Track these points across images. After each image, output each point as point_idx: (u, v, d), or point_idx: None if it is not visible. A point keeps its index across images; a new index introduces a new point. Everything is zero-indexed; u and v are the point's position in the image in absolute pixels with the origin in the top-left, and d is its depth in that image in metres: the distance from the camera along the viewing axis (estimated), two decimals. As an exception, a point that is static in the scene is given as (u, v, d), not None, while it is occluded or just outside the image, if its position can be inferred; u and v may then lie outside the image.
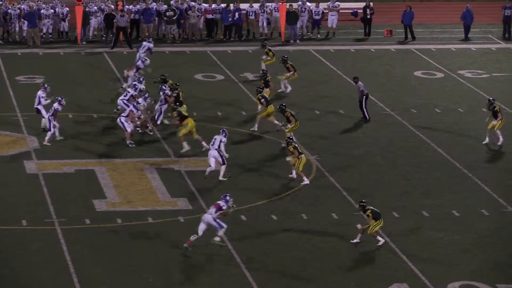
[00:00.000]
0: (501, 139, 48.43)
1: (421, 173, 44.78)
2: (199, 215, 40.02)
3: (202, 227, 37.36)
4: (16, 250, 38.41)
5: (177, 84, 50.13)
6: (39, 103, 48.84)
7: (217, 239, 37.40)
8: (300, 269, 36.77)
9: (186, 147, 47.35)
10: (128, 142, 47.75)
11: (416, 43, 64.65)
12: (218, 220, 37.23)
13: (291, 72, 55.32)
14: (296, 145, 44.43)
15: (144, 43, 56.43)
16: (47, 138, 47.71)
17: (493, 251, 38.98)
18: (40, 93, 48.93)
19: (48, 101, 48.98)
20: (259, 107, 50.01)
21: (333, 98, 55.35)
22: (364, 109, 51.89)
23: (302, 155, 44.03)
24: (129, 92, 49.75)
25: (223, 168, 44.56)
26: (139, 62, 54.05)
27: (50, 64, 60.23)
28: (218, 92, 55.62)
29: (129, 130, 47.71)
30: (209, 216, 37.37)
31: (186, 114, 47.69)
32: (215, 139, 44.88)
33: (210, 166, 44.67)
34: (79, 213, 41.13)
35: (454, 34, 67.29)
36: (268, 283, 35.60)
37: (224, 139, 45.42)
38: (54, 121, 47.90)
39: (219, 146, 45.07)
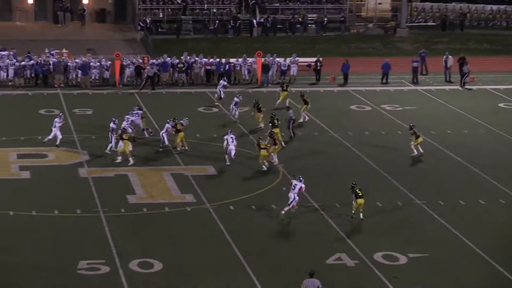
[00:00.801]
0: (421, 151, 48.80)
1: (354, 175, 44.56)
2: (202, 206, 40.52)
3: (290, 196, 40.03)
4: (72, 230, 38.59)
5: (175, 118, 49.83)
6: (55, 126, 49.02)
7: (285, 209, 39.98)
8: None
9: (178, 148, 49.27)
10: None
11: (351, 86, 64.46)
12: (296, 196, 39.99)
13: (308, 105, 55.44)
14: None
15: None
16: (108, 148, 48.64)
17: (404, 231, 39.18)
18: (56, 119, 49.24)
19: (62, 123, 49.51)
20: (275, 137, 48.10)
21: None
22: (291, 130, 52.40)
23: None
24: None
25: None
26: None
27: (97, 101, 60.18)
28: (214, 119, 55.47)
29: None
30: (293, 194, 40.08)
31: (179, 128, 48.68)
32: (227, 139, 47.06)
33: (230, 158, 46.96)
34: (117, 204, 41.48)
35: (377, 79, 66.97)
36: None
37: (232, 136, 47.30)
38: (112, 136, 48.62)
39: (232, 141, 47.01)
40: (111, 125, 48.56)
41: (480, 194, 44.11)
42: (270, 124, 49.71)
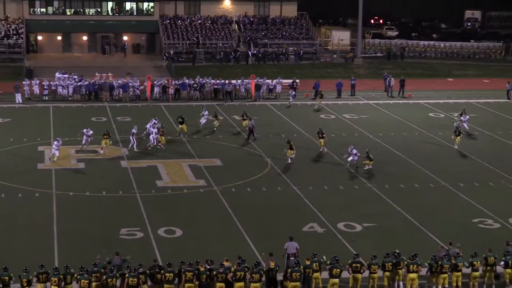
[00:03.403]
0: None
1: (325, 166, 44.47)
2: (211, 189, 40.53)
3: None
4: (116, 206, 38.59)
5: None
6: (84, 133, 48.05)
7: None
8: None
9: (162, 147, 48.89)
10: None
11: (325, 100, 64.27)
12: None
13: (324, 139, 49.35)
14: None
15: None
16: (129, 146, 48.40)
17: (359, 207, 39.23)
18: (84, 131, 48.20)
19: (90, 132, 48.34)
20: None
21: (277, 128, 55.30)
22: (254, 133, 51.70)
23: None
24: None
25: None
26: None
27: (134, 111, 60.15)
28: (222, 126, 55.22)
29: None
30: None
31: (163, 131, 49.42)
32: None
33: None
34: (148, 187, 41.52)
35: (345, 94, 67.05)
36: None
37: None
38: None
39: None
40: (133, 130, 48.65)
41: (415, 180, 44.16)
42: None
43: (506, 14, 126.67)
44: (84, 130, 47.67)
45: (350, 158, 45.57)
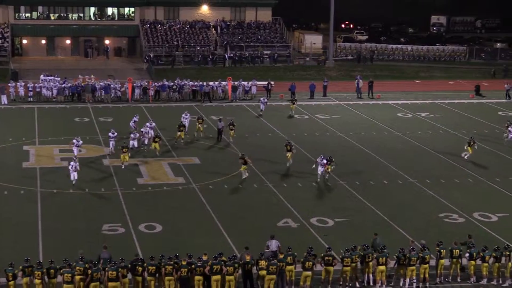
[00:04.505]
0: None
1: (299, 163, 44.29)
2: (189, 186, 40.34)
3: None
4: (98, 203, 38.35)
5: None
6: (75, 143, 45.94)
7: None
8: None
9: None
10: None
11: (298, 101, 64.12)
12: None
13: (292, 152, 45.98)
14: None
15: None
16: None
17: (331, 203, 39.20)
18: (74, 140, 46.01)
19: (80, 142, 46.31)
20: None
21: (253, 128, 55.23)
22: (221, 135, 51.14)
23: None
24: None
25: None
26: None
27: (116, 112, 59.78)
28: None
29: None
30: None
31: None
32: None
33: None
34: (129, 184, 41.33)
35: (318, 96, 67.03)
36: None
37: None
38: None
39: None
40: (109, 134, 47.46)
41: (384, 177, 44.27)
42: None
43: (469, 19, 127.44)
44: (74, 140, 46.11)
45: (319, 170, 42.41)
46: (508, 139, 49.86)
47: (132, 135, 48.39)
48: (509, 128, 52.12)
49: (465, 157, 48.05)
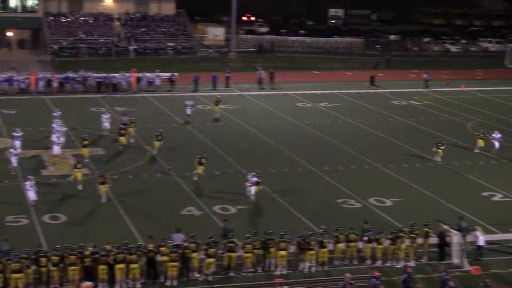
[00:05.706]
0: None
1: (200, 150, 44.06)
2: (95, 176, 39.58)
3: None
4: (1, 195, 37.30)
5: None
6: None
7: None
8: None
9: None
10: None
11: (199, 92, 63.75)
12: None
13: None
14: None
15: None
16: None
17: (233, 191, 38.91)
18: (15, 133, 44.41)
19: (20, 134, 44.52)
20: None
21: (158, 119, 54.78)
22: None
23: None
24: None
25: None
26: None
27: (20, 104, 58.22)
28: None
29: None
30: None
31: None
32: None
33: None
34: (34, 176, 39.54)
35: (220, 86, 66.82)
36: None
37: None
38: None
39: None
40: (14, 133, 44.91)
41: (285, 165, 44.60)
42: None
43: (365, 13, 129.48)
44: (14, 133, 44.75)
45: (250, 191, 37.90)
46: (496, 148, 47.45)
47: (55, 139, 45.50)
48: (493, 135, 48.19)
49: (439, 159, 45.74)
